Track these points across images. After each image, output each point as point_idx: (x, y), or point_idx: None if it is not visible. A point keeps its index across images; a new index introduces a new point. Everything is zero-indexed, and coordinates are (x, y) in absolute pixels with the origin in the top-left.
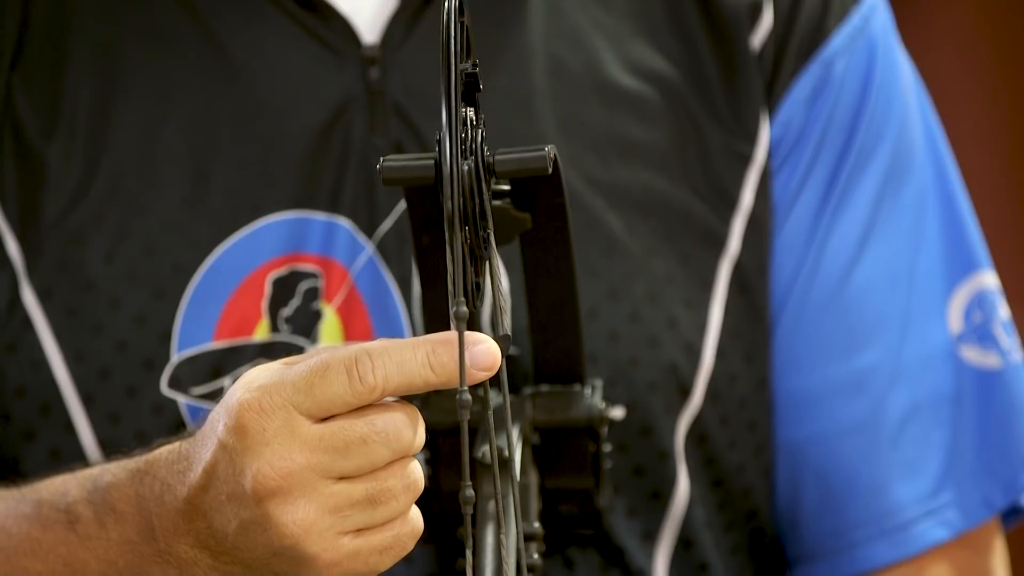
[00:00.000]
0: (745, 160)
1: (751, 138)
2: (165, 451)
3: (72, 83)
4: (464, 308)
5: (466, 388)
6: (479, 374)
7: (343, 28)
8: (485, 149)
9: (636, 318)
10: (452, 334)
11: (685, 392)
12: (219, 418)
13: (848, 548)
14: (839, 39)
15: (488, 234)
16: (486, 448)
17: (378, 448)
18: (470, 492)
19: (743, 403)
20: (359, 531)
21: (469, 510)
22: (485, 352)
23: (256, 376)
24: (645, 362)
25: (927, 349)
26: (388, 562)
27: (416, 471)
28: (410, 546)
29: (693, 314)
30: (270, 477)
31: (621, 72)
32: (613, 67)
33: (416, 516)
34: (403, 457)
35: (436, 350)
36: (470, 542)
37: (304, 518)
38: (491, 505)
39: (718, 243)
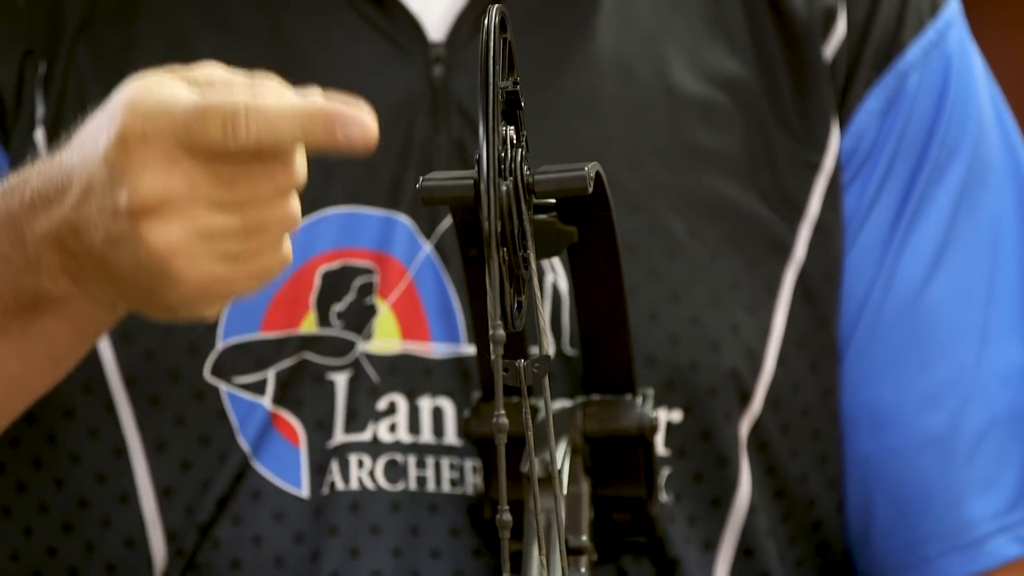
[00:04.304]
0: (813, 168)
1: (820, 146)
2: (42, 163)
3: (138, 68)
4: (501, 332)
5: (502, 412)
6: (352, 145)
7: (410, 24)
8: (525, 168)
9: (698, 322)
10: (329, 108)
11: (745, 398)
12: (102, 131)
13: (922, 563)
14: (914, 52)
15: (529, 255)
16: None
17: (262, 184)
18: (507, 517)
19: (806, 412)
20: (229, 258)
21: (506, 534)
22: (354, 120)
23: (142, 98)
24: (705, 366)
25: (1005, 365)
26: (254, 287)
27: (294, 206)
28: (277, 272)
29: (756, 320)
30: (145, 197)
31: (691, 78)
32: (683, 73)
33: (287, 246)
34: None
35: (312, 124)
36: (507, 565)
37: (176, 240)
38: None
39: (784, 250)
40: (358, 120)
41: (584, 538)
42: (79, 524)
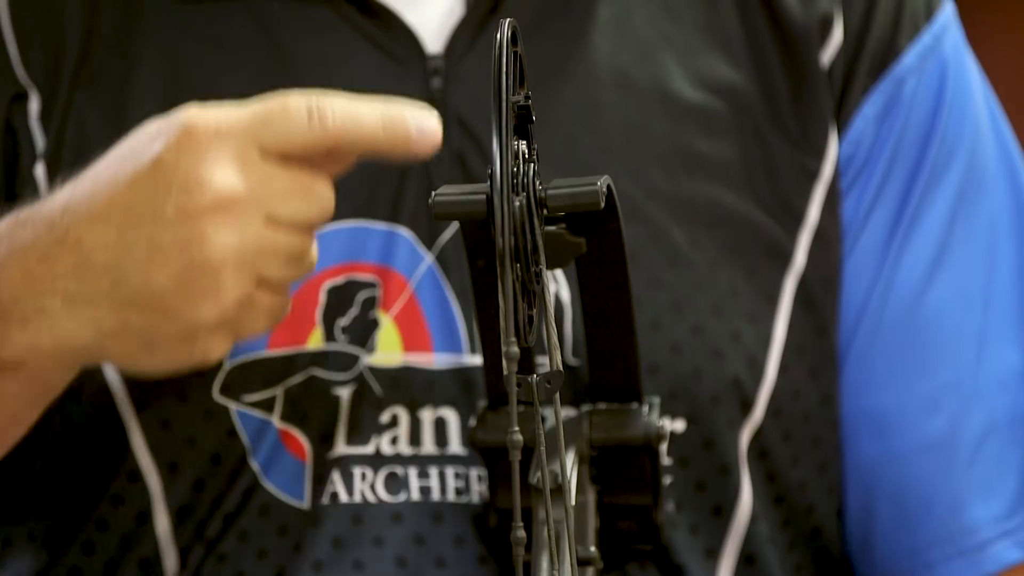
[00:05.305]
0: (812, 175)
1: (818, 153)
2: (38, 209)
3: (139, 93)
4: (515, 349)
5: (516, 429)
6: (423, 141)
7: (407, 38)
8: (537, 183)
9: (699, 331)
10: (403, 103)
11: (747, 406)
12: (157, 136)
13: (923, 568)
14: (910, 57)
15: (540, 268)
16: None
17: (313, 205)
18: (521, 534)
19: (807, 419)
20: (262, 282)
21: (520, 551)
22: (424, 117)
23: (208, 107)
24: (708, 375)
25: (1003, 370)
26: (262, 328)
27: (315, 247)
28: (278, 320)
29: (757, 328)
30: (217, 193)
31: (688, 86)
32: (680, 81)
33: (288, 303)
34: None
35: (390, 115)
36: None
37: (237, 244)
38: (546, 531)
39: (783, 258)
40: (428, 117)
41: (592, 549)
42: (100, 546)
